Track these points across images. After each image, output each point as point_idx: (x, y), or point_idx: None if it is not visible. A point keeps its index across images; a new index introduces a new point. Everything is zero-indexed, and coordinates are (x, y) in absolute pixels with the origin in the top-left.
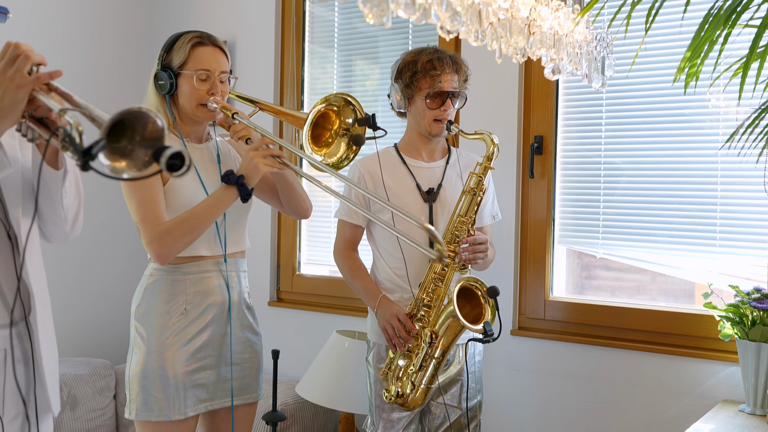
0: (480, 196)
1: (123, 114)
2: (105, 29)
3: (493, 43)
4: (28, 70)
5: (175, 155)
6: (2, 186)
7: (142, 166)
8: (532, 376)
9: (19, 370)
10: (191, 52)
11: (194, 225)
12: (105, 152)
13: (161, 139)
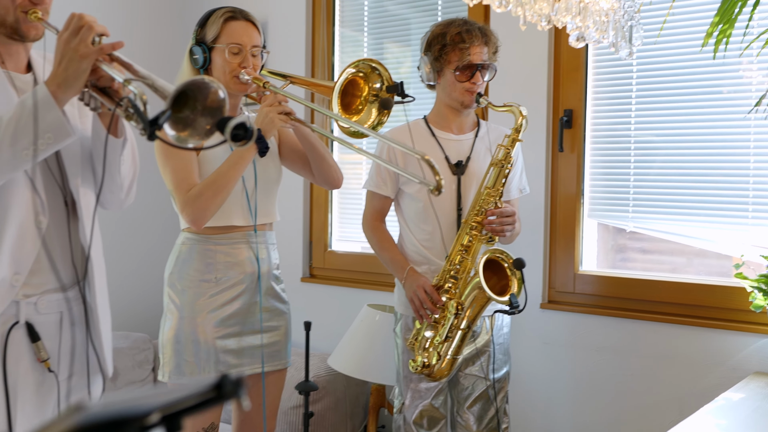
0: (508, 169)
1: (187, 84)
2: (140, 7)
3: (518, 9)
4: (92, 41)
5: (239, 126)
6: (62, 154)
7: (203, 135)
8: (562, 350)
9: (74, 332)
10: (224, 27)
11: (222, 184)
12: (169, 122)
13: (222, 109)
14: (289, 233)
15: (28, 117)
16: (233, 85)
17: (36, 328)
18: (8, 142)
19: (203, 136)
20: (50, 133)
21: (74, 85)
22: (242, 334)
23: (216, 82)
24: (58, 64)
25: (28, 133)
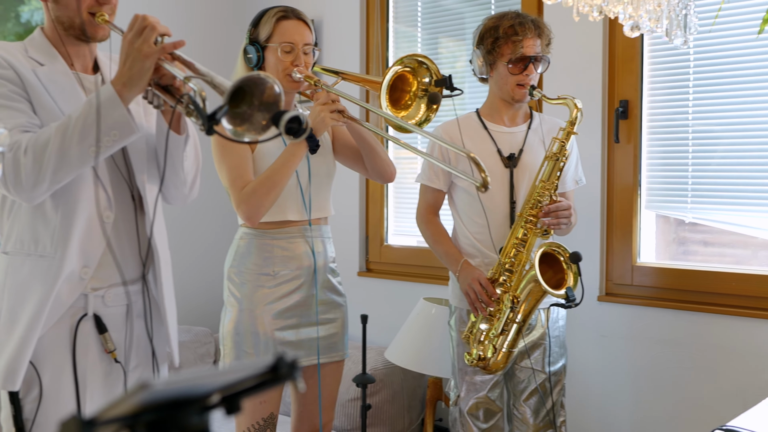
0: (563, 162)
1: (244, 80)
2: (197, 8)
3: (569, 0)
4: (154, 41)
5: (293, 119)
6: (129, 150)
7: (260, 130)
8: (621, 343)
9: (140, 323)
10: (276, 26)
11: (276, 181)
12: (227, 117)
13: (278, 103)
14: (345, 228)
15: (95, 115)
16: (286, 84)
17: (103, 320)
18: (76, 140)
19: (260, 131)
20: (116, 131)
21: (138, 83)
22: (300, 326)
23: (272, 77)
24: (122, 63)
25: (95, 130)
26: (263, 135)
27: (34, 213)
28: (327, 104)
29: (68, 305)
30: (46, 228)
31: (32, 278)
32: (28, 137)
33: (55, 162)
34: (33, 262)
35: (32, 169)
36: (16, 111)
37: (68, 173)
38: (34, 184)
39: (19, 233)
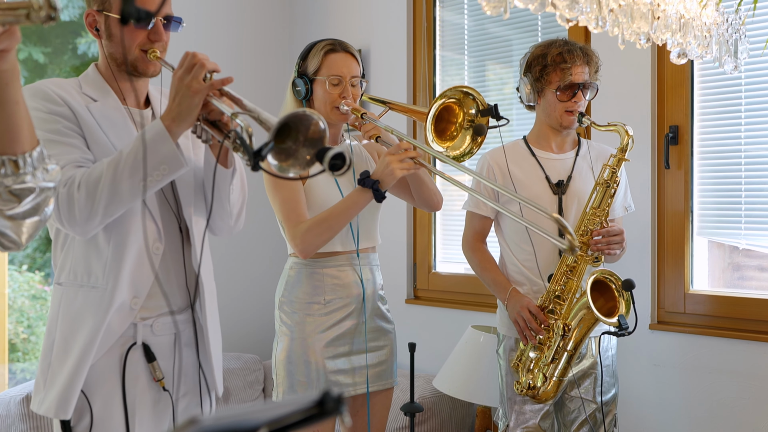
0: (614, 188)
1: (289, 117)
2: (247, 40)
3: (615, 29)
4: (203, 77)
5: (337, 156)
6: (177, 183)
7: (305, 165)
8: (674, 372)
9: (187, 352)
10: (324, 59)
11: (332, 224)
12: (272, 153)
13: (323, 140)
14: (393, 255)
15: (144, 150)
16: (333, 116)
17: (152, 349)
18: (127, 174)
19: (305, 166)
20: (165, 165)
21: (187, 119)
22: (351, 354)
23: (316, 114)
24: (172, 99)
25: (146, 164)
26: (308, 170)
27: (87, 245)
28: (398, 155)
29: (119, 335)
30: (98, 260)
31: (85, 309)
32: (82, 172)
33: (107, 196)
34: (85, 293)
35: (85, 204)
36: (70, 147)
37: (120, 207)
38: (88, 218)
39: (73, 265)
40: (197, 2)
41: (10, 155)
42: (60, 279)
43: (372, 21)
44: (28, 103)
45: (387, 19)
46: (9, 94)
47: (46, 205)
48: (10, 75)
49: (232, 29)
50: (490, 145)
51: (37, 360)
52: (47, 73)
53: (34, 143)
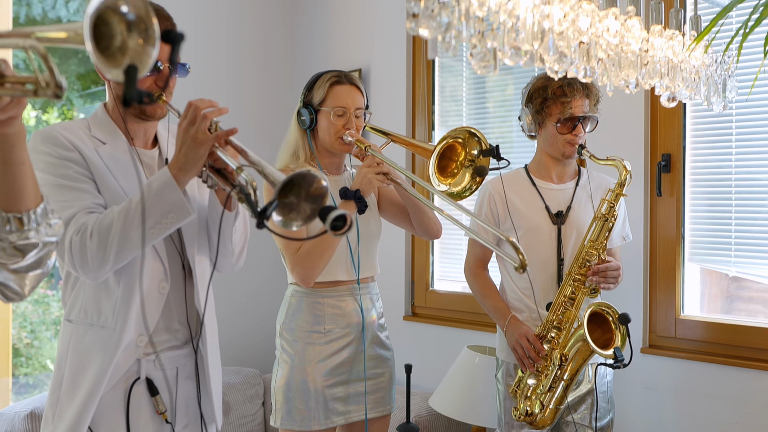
0: (612, 222)
1: (294, 176)
2: (248, 59)
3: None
4: (208, 128)
5: (339, 217)
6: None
7: (306, 219)
8: (666, 395)
9: (188, 385)
10: (330, 91)
11: (328, 243)
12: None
13: (324, 196)
14: (392, 272)
15: (154, 198)
16: (338, 146)
17: (155, 383)
18: (137, 223)
19: (306, 220)
20: (173, 213)
21: (193, 168)
22: (350, 382)
23: (319, 172)
24: (178, 149)
25: (154, 212)
26: (309, 223)
27: (97, 286)
28: (372, 166)
29: (124, 371)
30: (108, 300)
31: (93, 348)
32: (93, 220)
33: (117, 244)
34: (95, 332)
35: (97, 251)
36: (81, 192)
37: (130, 254)
38: (100, 265)
39: (83, 304)
40: (198, 21)
41: (15, 213)
42: (70, 316)
43: (372, 41)
44: (39, 148)
45: (387, 39)
46: (15, 155)
47: (49, 258)
48: (16, 138)
49: (234, 49)
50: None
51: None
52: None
53: (38, 200)
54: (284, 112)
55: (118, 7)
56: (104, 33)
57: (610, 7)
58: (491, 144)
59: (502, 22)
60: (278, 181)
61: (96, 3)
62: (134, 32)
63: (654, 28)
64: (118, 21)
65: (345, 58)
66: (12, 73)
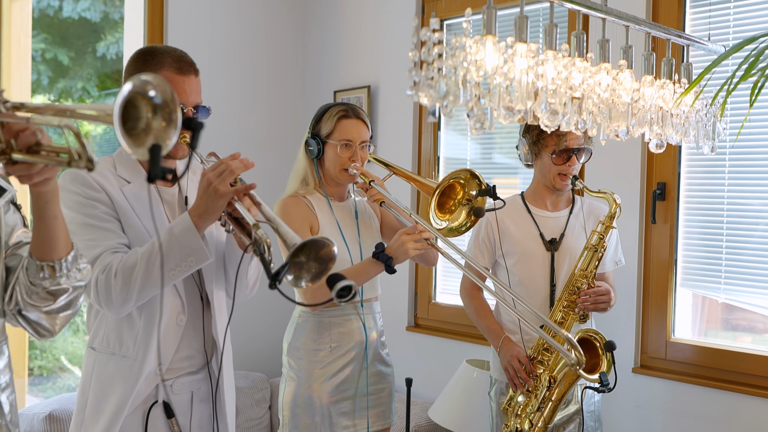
0: (601, 253)
1: (307, 241)
2: (259, 75)
3: (593, 129)
4: (231, 182)
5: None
6: None
7: (313, 278)
8: (656, 414)
9: (203, 407)
10: (337, 124)
11: None
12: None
13: (332, 260)
14: (396, 283)
15: (175, 242)
16: (342, 177)
17: (171, 406)
18: (159, 264)
19: (313, 279)
20: (192, 257)
21: (212, 216)
22: (354, 398)
23: (331, 240)
24: (200, 197)
25: (174, 256)
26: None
27: (120, 318)
28: (412, 234)
29: (144, 396)
30: (130, 331)
31: (116, 376)
32: (118, 260)
33: (140, 284)
34: (117, 362)
35: (121, 290)
36: (107, 231)
37: (151, 292)
38: (123, 302)
39: (106, 333)
40: (212, 38)
41: (48, 261)
42: (93, 344)
43: (381, 58)
44: (69, 187)
45: (396, 57)
46: (49, 210)
47: (78, 300)
48: (51, 195)
49: (246, 65)
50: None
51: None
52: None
53: (68, 248)
54: (293, 126)
55: (146, 91)
56: (131, 114)
57: (602, 62)
58: (488, 184)
59: (497, 84)
60: (291, 243)
61: (128, 88)
62: (159, 115)
63: (645, 78)
64: (146, 104)
65: (354, 75)
66: (49, 143)
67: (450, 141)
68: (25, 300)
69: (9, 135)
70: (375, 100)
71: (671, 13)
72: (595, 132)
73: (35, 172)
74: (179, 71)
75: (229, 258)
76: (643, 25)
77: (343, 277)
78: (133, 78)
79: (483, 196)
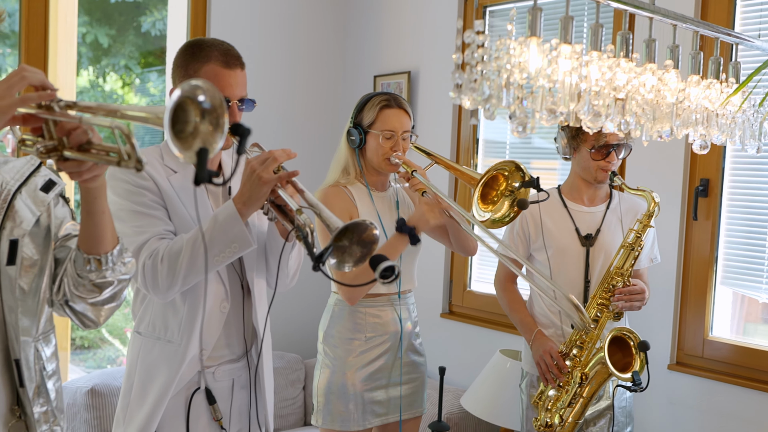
0: (638, 251)
1: (350, 224)
2: (301, 61)
3: (636, 131)
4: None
5: (388, 268)
6: None
7: (357, 261)
8: (690, 412)
9: (243, 394)
10: (379, 114)
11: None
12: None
13: (374, 243)
14: (431, 270)
15: (219, 229)
16: (385, 166)
17: (213, 393)
18: (203, 250)
19: (356, 262)
20: (236, 243)
21: (255, 203)
22: (387, 386)
23: (373, 223)
24: (243, 184)
25: (218, 243)
26: (359, 265)
27: (165, 303)
28: (431, 204)
29: (186, 381)
30: (174, 317)
31: (160, 360)
32: (164, 246)
33: (185, 269)
34: (162, 346)
35: (167, 275)
36: (154, 218)
37: (196, 278)
38: (169, 287)
39: (152, 318)
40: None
41: (95, 255)
42: (139, 328)
43: (422, 44)
44: (118, 176)
45: (437, 42)
46: (97, 205)
47: (122, 293)
48: (99, 191)
49: (287, 49)
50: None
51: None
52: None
53: (114, 242)
54: (333, 111)
55: (196, 96)
56: (180, 118)
57: (648, 62)
58: (532, 176)
59: (540, 86)
60: (334, 227)
61: (179, 93)
62: (206, 119)
63: (691, 78)
64: (195, 108)
65: (395, 60)
66: (99, 141)
67: (489, 124)
68: (72, 292)
69: (61, 133)
70: (415, 86)
71: (720, 10)
72: (638, 134)
73: (85, 169)
74: (225, 65)
75: (270, 247)
76: (691, 24)
77: (385, 258)
78: (184, 83)
79: (526, 187)
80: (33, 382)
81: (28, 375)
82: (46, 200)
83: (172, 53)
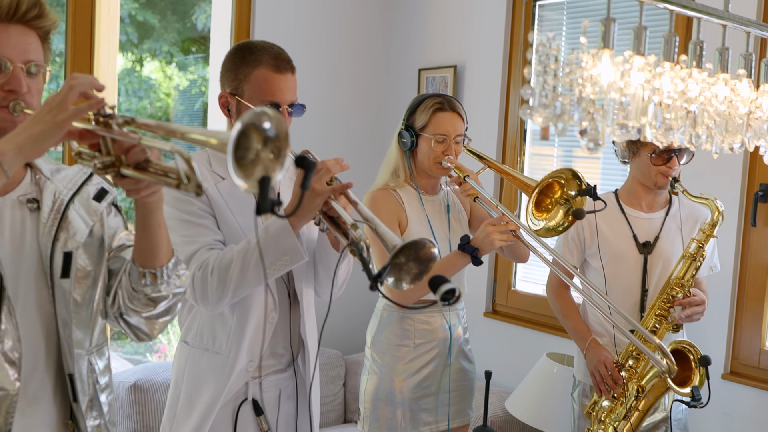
0: (699, 262)
1: (409, 243)
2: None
3: (706, 144)
4: (327, 181)
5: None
6: None
7: (413, 279)
8: (744, 423)
9: (290, 405)
10: (432, 117)
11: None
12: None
13: (432, 261)
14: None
15: (271, 241)
16: (436, 170)
17: (260, 404)
18: (254, 263)
19: (413, 280)
20: (288, 256)
21: (308, 215)
22: (436, 394)
23: (431, 241)
24: (296, 196)
25: (270, 255)
26: (416, 283)
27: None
28: (497, 225)
29: (234, 392)
30: (223, 328)
31: (208, 372)
32: (214, 257)
33: (236, 281)
34: (210, 358)
35: (217, 287)
36: (203, 228)
37: (246, 290)
38: (219, 299)
39: (199, 328)
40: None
41: (150, 269)
42: (186, 338)
43: (469, 38)
44: None
45: (483, 36)
46: (154, 219)
47: (176, 306)
48: (155, 205)
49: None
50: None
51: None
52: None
53: (170, 255)
54: (375, 104)
55: (261, 123)
56: (241, 144)
57: (721, 72)
58: (589, 184)
59: (612, 100)
60: (392, 244)
61: (246, 118)
62: (268, 147)
63: (763, 87)
64: (257, 135)
65: (440, 53)
66: (158, 159)
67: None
68: (127, 305)
69: (119, 151)
70: (461, 80)
71: None
72: (710, 147)
73: (142, 187)
74: (276, 69)
75: (320, 257)
76: (766, 30)
77: (446, 280)
78: (249, 112)
79: (582, 196)
80: (86, 396)
81: (82, 389)
82: (99, 210)
83: (216, 43)
